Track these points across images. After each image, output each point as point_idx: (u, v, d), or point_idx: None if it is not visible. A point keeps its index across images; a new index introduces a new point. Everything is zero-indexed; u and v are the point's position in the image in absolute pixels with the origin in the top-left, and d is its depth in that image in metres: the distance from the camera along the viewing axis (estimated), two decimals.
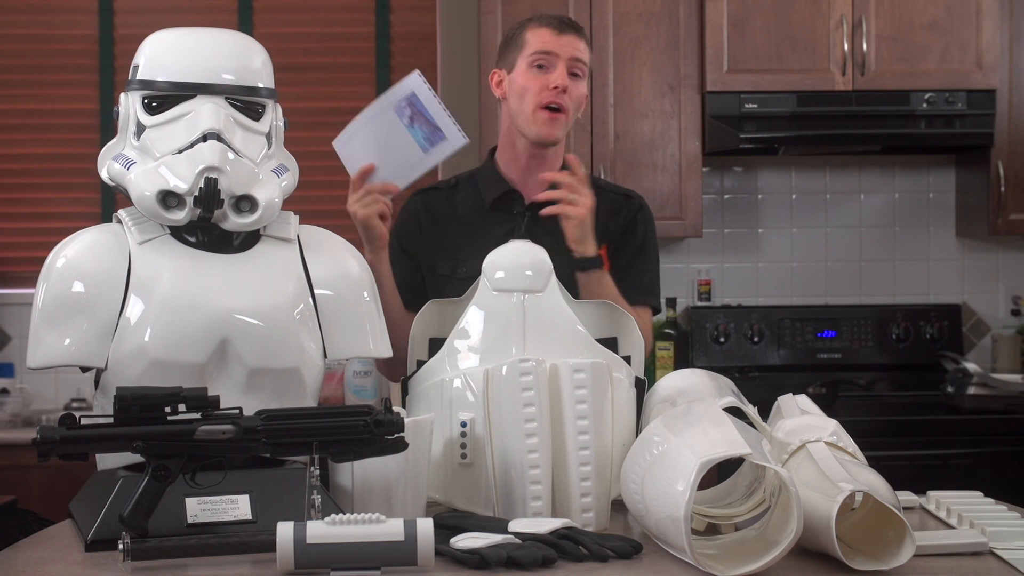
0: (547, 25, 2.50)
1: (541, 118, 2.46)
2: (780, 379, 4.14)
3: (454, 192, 2.62)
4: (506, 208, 2.55)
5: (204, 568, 1.66)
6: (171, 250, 1.95)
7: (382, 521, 1.62)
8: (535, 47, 2.48)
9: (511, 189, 2.56)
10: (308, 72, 4.51)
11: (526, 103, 2.48)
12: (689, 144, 4.07)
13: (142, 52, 2.01)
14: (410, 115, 2.37)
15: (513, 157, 2.56)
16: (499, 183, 2.57)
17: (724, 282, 4.47)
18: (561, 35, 2.48)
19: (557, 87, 2.45)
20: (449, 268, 2.53)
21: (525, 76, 2.48)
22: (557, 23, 2.50)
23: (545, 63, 2.46)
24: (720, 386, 2.08)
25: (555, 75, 2.45)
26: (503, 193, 2.56)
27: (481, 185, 2.60)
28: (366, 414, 1.76)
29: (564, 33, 2.48)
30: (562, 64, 2.46)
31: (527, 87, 2.47)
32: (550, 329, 2.04)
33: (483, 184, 2.60)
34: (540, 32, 2.49)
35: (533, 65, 2.47)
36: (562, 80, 2.45)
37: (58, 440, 1.68)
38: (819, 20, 4.01)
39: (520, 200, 2.55)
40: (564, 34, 2.48)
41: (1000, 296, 4.49)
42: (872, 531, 1.73)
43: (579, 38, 2.50)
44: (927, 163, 4.49)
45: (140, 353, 1.88)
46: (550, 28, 2.49)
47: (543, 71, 2.47)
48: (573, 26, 2.52)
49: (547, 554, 1.67)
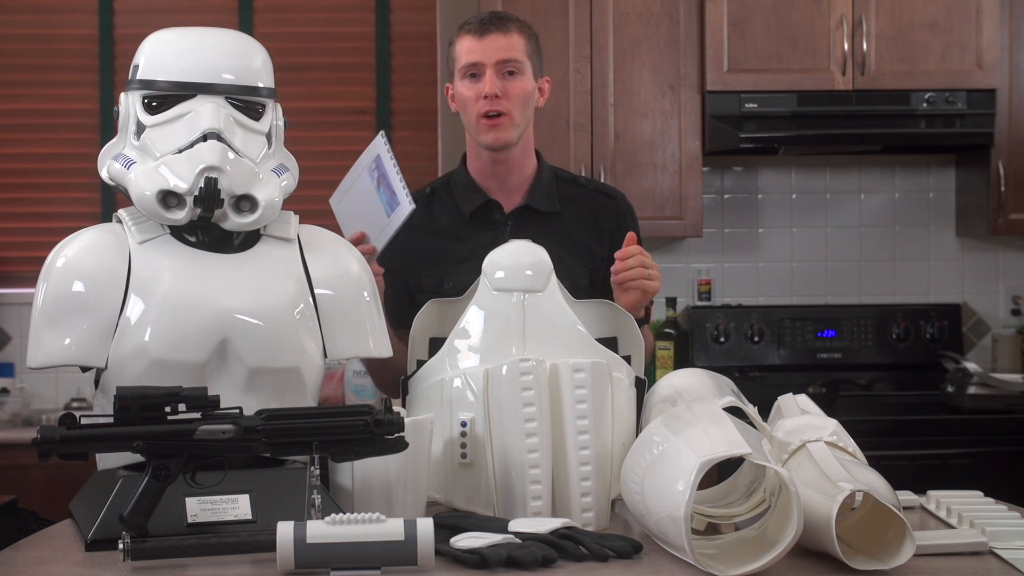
0: (469, 32, 2.47)
1: (483, 127, 2.46)
2: (780, 379, 4.14)
3: (431, 202, 2.57)
4: (486, 217, 2.53)
5: (204, 568, 1.66)
6: (171, 250, 1.95)
7: (382, 521, 1.62)
8: (463, 59, 2.46)
9: (489, 200, 2.54)
10: (308, 72, 4.51)
11: (468, 115, 2.48)
12: (689, 144, 4.07)
13: (142, 52, 2.01)
14: (377, 178, 2.38)
15: (481, 166, 2.54)
16: (475, 193, 2.54)
17: (724, 282, 4.47)
18: (483, 38, 2.44)
19: (487, 96, 2.43)
20: (435, 284, 2.48)
21: (461, 87, 2.47)
22: (478, 26, 2.46)
23: (475, 72, 2.45)
24: (720, 386, 2.08)
25: (484, 84, 2.43)
26: (481, 204, 2.53)
27: (457, 194, 2.57)
28: (366, 414, 1.76)
29: (486, 35, 2.45)
30: (489, 70, 2.43)
31: (465, 99, 2.47)
32: (550, 329, 2.04)
33: (459, 193, 2.56)
34: (464, 41, 2.47)
35: (466, 76, 2.46)
36: (490, 88, 2.42)
37: (58, 440, 1.68)
38: (819, 20, 4.01)
39: (500, 209, 2.53)
40: (486, 36, 2.45)
41: (1000, 296, 4.49)
42: (872, 531, 1.73)
43: (503, 34, 2.45)
44: (927, 163, 4.49)
45: (140, 353, 1.88)
46: (472, 35, 2.46)
47: (476, 80, 2.45)
48: (496, 23, 2.47)
49: (547, 554, 1.67)
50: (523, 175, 2.54)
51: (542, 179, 2.56)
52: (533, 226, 2.47)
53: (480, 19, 2.49)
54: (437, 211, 2.56)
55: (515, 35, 2.46)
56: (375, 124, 4.54)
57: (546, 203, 2.54)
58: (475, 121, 2.46)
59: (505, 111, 2.44)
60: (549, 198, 2.55)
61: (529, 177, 2.55)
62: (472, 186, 2.54)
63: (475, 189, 2.54)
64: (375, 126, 4.54)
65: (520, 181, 2.54)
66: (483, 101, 2.43)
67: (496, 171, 2.52)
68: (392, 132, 4.55)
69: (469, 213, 2.53)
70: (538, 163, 2.58)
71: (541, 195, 2.54)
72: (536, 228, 2.44)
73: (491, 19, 2.48)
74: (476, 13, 2.60)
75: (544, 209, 2.53)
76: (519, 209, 2.53)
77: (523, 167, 2.54)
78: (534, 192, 2.54)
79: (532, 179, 2.55)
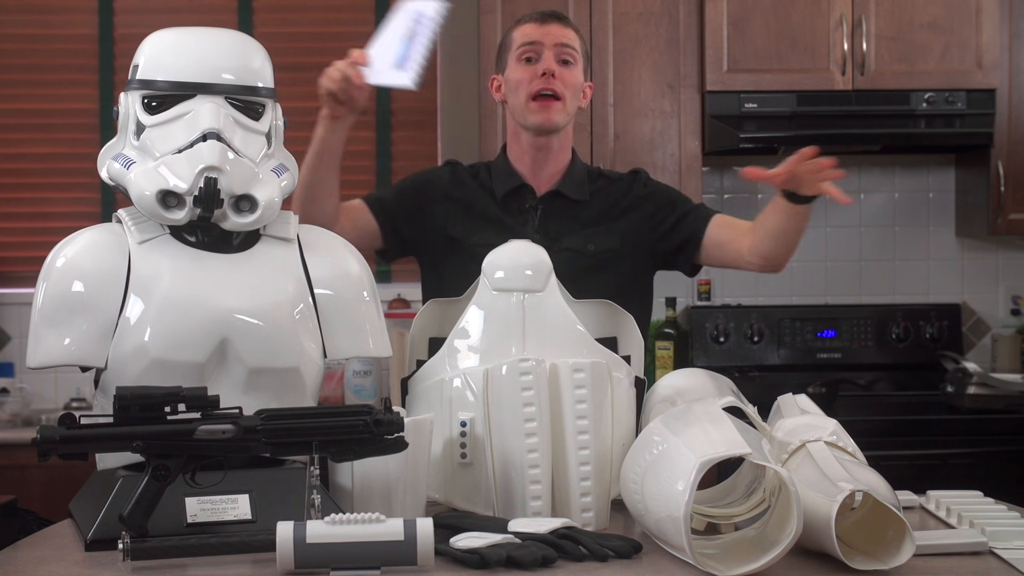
0: (530, 20, 2.59)
1: (533, 108, 2.53)
2: (780, 379, 4.13)
3: (476, 176, 2.67)
4: (518, 200, 2.61)
5: (204, 568, 1.66)
6: (171, 250, 1.95)
7: (382, 521, 1.62)
8: (520, 41, 2.56)
9: (523, 183, 2.61)
10: (308, 72, 4.47)
11: (520, 96, 2.55)
12: (689, 144, 4.07)
13: (142, 52, 2.02)
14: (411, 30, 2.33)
15: (520, 153, 2.62)
16: (511, 176, 2.62)
17: (724, 282, 4.46)
18: (544, 25, 2.56)
19: (544, 73, 2.51)
20: (464, 233, 2.56)
21: (515, 71, 2.56)
22: (539, 16, 2.59)
23: (532, 54, 2.54)
24: (720, 386, 2.09)
25: (542, 63, 2.52)
26: (515, 187, 2.61)
27: (494, 177, 2.64)
28: (366, 414, 1.76)
29: (547, 23, 2.57)
30: (548, 52, 2.53)
31: (519, 80, 2.54)
32: (550, 329, 2.04)
33: (496, 177, 2.64)
34: (524, 28, 2.58)
35: (522, 59, 2.55)
36: (549, 65, 2.51)
37: (58, 440, 1.68)
38: (819, 20, 4.00)
39: (532, 193, 2.61)
40: (547, 24, 2.56)
41: (1000, 296, 4.49)
42: (872, 531, 1.73)
43: (564, 26, 2.57)
44: (927, 163, 4.49)
45: (140, 353, 1.88)
46: (533, 22, 2.58)
47: (532, 63, 2.54)
48: (556, 16, 2.60)
49: (547, 554, 1.67)
50: (558, 166, 2.62)
51: (575, 171, 2.64)
52: (561, 211, 2.58)
53: (539, 12, 2.62)
54: (479, 185, 2.65)
55: (571, 31, 2.59)
56: (374, 124, 4.54)
57: (576, 191, 2.62)
58: (525, 102, 2.54)
59: (559, 93, 2.52)
60: (580, 187, 2.63)
61: (563, 169, 2.63)
62: (509, 170, 2.63)
63: (511, 173, 2.62)
64: (375, 126, 4.54)
65: (554, 172, 2.62)
66: (538, 80, 2.52)
67: (535, 157, 2.60)
68: (392, 132, 4.55)
69: (502, 195, 2.61)
70: (572, 158, 2.66)
71: (572, 184, 2.62)
72: (564, 213, 2.57)
73: (551, 12, 2.62)
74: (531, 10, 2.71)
75: (574, 197, 2.61)
76: (549, 194, 2.61)
77: (559, 158, 2.62)
78: (566, 181, 2.62)
79: (565, 170, 2.63)
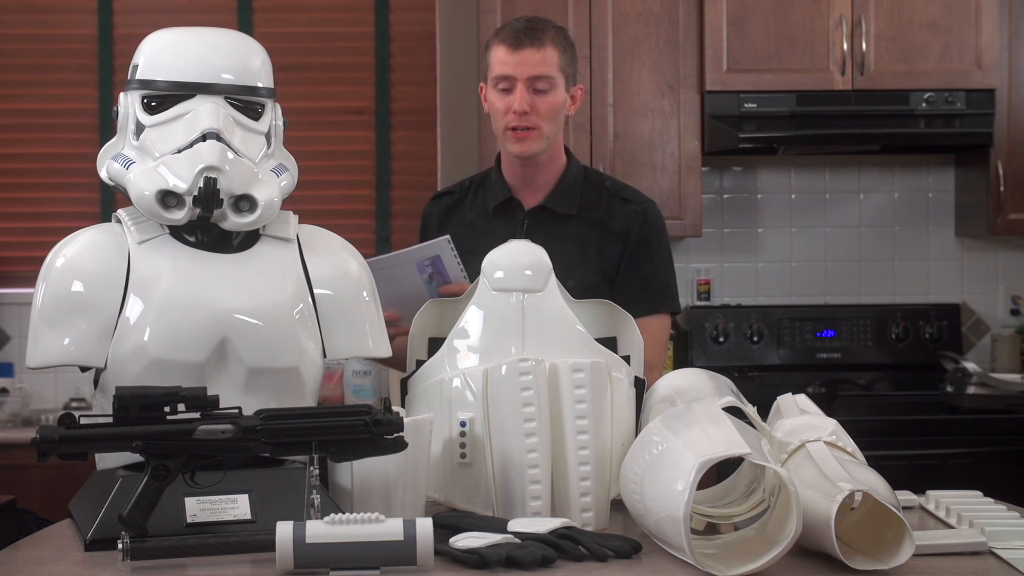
0: (504, 42, 2.48)
1: (510, 138, 2.51)
2: (780, 379, 4.14)
3: (465, 196, 2.67)
4: (509, 213, 2.61)
5: (203, 568, 1.66)
6: (170, 250, 1.95)
7: (381, 521, 1.62)
8: (496, 70, 2.49)
9: (511, 196, 2.61)
10: (308, 72, 4.51)
11: (497, 124, 2.53)
12: (688, 144, 4.07)
13: (141, 52, 2.01)
14: (431, 273, 2.44)
15: (509, 165, 2.62)
16: (502, 189, 2.62)
17: (723, 282, 4.47)
18: (517, 51, 2.46)
19: (516, 112, 2.46)
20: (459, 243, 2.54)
21: (493, 96, 2.52)
22: (512, 39, 2.47)
23: (506, 86, 2.48)
24: (719, 386, 2.08)
25: (514, 99, 2.46)
26: (504, 200, 2.61)
27: (487, 190, 2.65)
28: (365, 414, 1.76)
29: (520, 48, 2.46)
30: (520, 85, 2.46)
31: (495, 109, 2.51)
32: (549, 329, 2.04)
33: (489, 189, 2.64)
34: (498, 52, 2.49)
35: (497, 88, 2.50)
36: (520, 105, 2.45)
37: (57, 440, 1.68)
38: (818, 20, 4.00)
39: (520, 207, 2.60)
40: (520, 49, 2.46)
41: (999, 296, 4.49)
42: (871, 531, 1.73)
43: (538, 48, 2.46)
44: (926, 163, 4.49)
45: (139, 353, 1.88)
46: (506, 46, 2.47)
47: (507, 93, 2.48)
48: (531, 36, 2.47)
49: (547, 554, 1.67)
50: (550, 175, 2.60)
51: (567, 180, 2.61)
52: (546, 226, 2.56)
53: (516, 29, 2.49)
54: (469, 205, 2.66)
55: (549, 49, 2.48)
56: (374, 124, 4.54)
57: (563, 205, 2.59)
58: (502, 131, 2.52)
59: (533, 126, 2.48)
60: (568, 200, 2.60)
61: (555, 176, 2.60)
62: (500, 182, 2.62)
63: (502, 185, 2.62)
64: (374, 126, 4.54)
65: (546, 180, 2.60)
66: (512, 115, 2.47)
67: (524, 172, 2.59)
68: (392, 132, 4.55)
69: (493, 207, 2.61)
70: (568, 162, 2.63)
71: (561, 197, 2.59)
72: (548, 228, 2.55)
73: (526, 30, 2.48)
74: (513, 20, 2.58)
75: (560, 211, 2.59)
76: (536, 208, 2.60)
77: (549, 169, 2.60)
78: (555, 193, 2.60)
79: (558, 179, 2.60)
